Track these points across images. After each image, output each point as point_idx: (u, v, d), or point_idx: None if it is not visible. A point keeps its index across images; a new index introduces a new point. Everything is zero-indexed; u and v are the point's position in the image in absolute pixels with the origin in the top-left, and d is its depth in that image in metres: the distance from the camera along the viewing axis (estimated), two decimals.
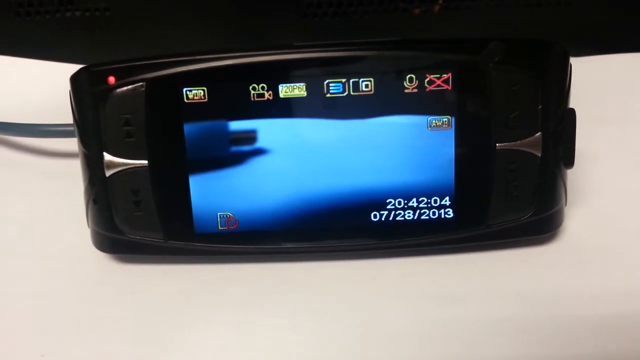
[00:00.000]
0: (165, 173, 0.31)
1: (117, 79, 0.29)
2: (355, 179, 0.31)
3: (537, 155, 0.30)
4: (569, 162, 0.31)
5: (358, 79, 0.30)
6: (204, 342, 0.29)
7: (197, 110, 0.30)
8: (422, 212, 0.31)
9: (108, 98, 0.30)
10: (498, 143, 0.30)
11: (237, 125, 0.30)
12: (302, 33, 0.45)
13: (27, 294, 0.32)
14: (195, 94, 0.30)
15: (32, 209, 0.36)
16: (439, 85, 0.30)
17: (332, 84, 0.30)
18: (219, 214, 0.31)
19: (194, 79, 0.29)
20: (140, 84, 0.29)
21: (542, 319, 0.29)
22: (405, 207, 0.31)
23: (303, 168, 0.31)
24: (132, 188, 0.31)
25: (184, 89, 0.30)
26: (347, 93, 0.30)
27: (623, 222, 0.34)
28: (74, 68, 0.30)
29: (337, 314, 0.30)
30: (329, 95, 0.30)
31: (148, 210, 0.31)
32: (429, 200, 0.31)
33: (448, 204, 0.31)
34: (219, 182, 0.31)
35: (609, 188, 0.35)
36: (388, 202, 0.31)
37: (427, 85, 0.30)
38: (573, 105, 0.31)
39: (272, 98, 0.30)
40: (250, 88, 0.30)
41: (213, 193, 0.31)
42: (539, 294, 0.30)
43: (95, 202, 0.31)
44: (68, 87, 0.30)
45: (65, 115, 0.31)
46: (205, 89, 0.30)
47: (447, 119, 0.30)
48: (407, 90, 0.30)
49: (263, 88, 0.30)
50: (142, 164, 0.30)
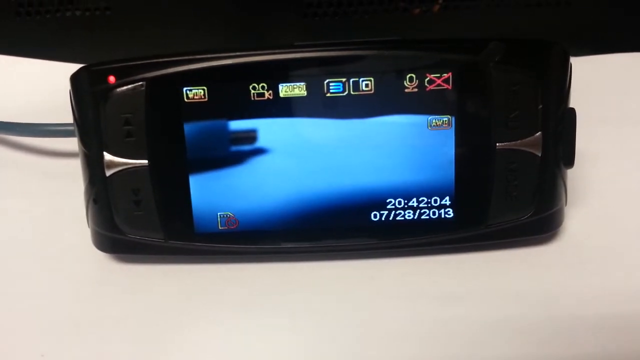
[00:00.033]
0: (166, 173, 0.31)
1: (117, 79, 0.29)
2: (356, 179, 0.31)
3: (537, 155, 0.30)
4: (569, 162, 0.31)
5: (358, 79, 0.30)
6: (204, 342, 0.29)
7: (197, 110, 0.30)
8: (422, 212, 0.31)
9: (108, 97, 0.30)
10: (498, 143, 0.30)
11: (237, 125, 0.30)
12: (302, 33, 0.45)
13: (27, 294, 0.32)
14: (196, 94, 0.30)
15: (32, 209, 0.36)
16: (439, 85, 0.30)
17: (332, 84, 0.30)
18: (219, 214, 0.31)
19: (194, 79, 0.29)
20: (141, 84, 0.29)
21: (542, 319, 0.29)
22: (406, 207, 0.31)
23: (303, 168, 0.31)
24: (132, 188, 0.31)
25: (184, 89, 0.30)
26: (347, 92, 0.30)
27: (623, 222, 0.34)
28: (74, 68, 0.30)
29: (337, 314, 0.30)
30: (329, 95, 0.30)
31: (148, 210, 0.31)
32: (429, 200, 0.31)
33: (448, 204, 0.31)
34: (219, 181, 0.31)
35: (609, 188, 0.35)
36: (388, 201, 0.31)
37: (427, 85, 0.30)
38: (573, 105, 0.31)
39: (272, 97, 0.30)
40: (251, 87, 0.30)
41: (213, 193, 0.31)
42: (539, 294, 0.30)
43: (96, 201, 0.31)
44: (68, 86, 0.30)
45: (65, 115, 0.31)
46: (206, 89, 0.30)
47: (447, 119, 0.30)
48: (407, 90, 0.30)
49: (263, 87, 0.30)
50: (142, 164, 0.30)
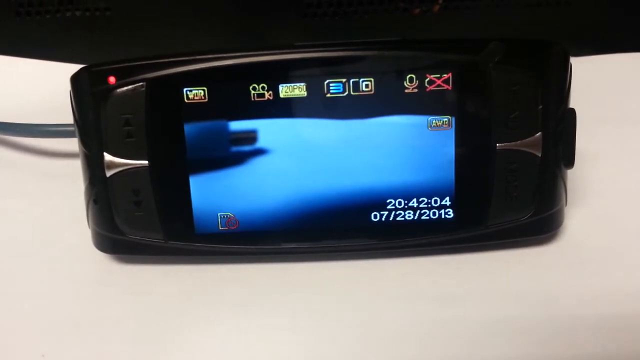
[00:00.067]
0: (166, 173, 0.31)
1: (117, 79, 0.29)
2: (356, 179, 0.31)
3: (537, 155, 0.30)
4: (569, 162, 0.31)
5: (358, 79, 0.30)
6: (204, 342, 0.29)
7: (197, 110, 0.30)
8: (422, 212, 0.31)
9: (108, 98, 0.30)
10: (498, 143, 0.30)
11: (237, 125, 0.30)
12: (302, 33, 0.45)
13: (27, 294, 0.32)
14: (196, 94, 0.30)
15: (32, 209, 0.36)
16: (439, 85, 0.30)
17: (332, 84, 0.30)
18: (220, 214, 0.31)
19: (194, 79, 0.29)
20: (141, 84, 0.29)
21: (542, 319, 0.29)
22: (406, 207, 0.31)
23: (303, 168, 0.31)
24: (132, 188, 0.31)
25: (184, 89, 0.30)
26: (347, 93, 0.30)
27: (623, 222, 0.34)
28: (74, 68, 0.30)
29: (337, 314, 0.30)
30: (329, 95, 0.30)
31: (148, 211, 0.31)
32: (429, 201, 0.31)
33: (448, 204, 0.31)
34: (220, 182, 0.31)
35: (609, 188, 0.35)
36: (388, 202, 0.31)
37: (427, 85, 0.30)
38: (573, 105, 0.31)
39: (272, 98, 0.30)
40: (251, 88, 0.30)
41: (213, 193, 0.31)
42: (539, 294, 0.30)
43: (96, 202, 0.31)
44: (68, 87, 0.30)
45: (66, 115, 0.31)
46: (206, 89, 0.30)
47: (447, 119, 0.30)
48: (407, 90, 0.30)
49: (263, 88, 0.30)
50: (142, 164, 0.30)
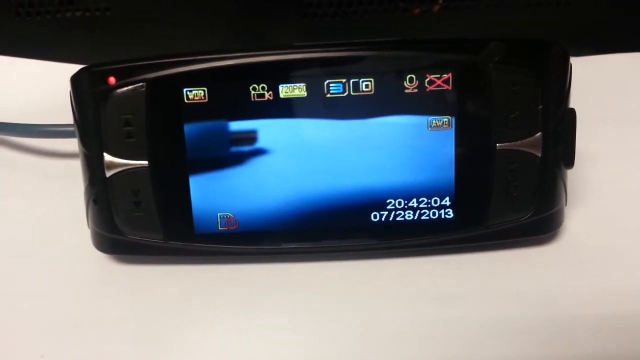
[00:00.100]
0: (166, 173, 0.31)
1: (117, 79, 0.29)
2: (356, 179, 0.31)
3: (537, 156, 0.30)
4: (569, 162, 0.31)
5: (358, 79, 0.30)
6: (204, 342, 0.29)
7: (197, 111, 0.30)
8: (422, 212, 0.31)
9: (108, 98, 0.30)
10: (498, 143, 0.30)
11: (237, 126, 0.30)
12: (302, 33, 0.45)
13: (27, 294, 0.31)
14: (196, 94, 0.30)
15: (32, 209, 0.36)
16: (439, 86, 0.30)
17: (332, 84, 0.30)
18: (219, 215, 0.31)
19: (195, 79, 0.29)
20: (141, 84, 0.29)
21: (542, 319, 0.29)
22: (405, 207, 0.31)
23: (303, 168, 0.31)
24: (132, 188, 0.31)
25: (185, 89, 0.30)
26: (347, 93, 0.30)
27: (623, 222, 0.34)
28: (74, 68, 0.30)
29: (337, 315, 0.30)
30: (329, 96, 0.30)
31: (148, 211, 0.31)
32: (429, 201, 0.31)
33: (448, 204, 0.31)
34: (219, 182, 0.31)
35: (609, 188, 0.35)
36: (388, 202, 0.31)
37: (427, 85, 0.30)
38: (573, 105, 0.31)
39: (272, 98, 0.30)
40: (251, 88, 0.30)
41: (213, 193, 0.31)
42: (539, 294, 0.30)
43: (96, 202, 0.31)
44: (68, 87, 0.30)
45: (66, 116, 0.31)
46: (206, 89, 0.30)
47: (447, 119, 0.30)
48: (407, 91, 0.30)
49: (263, 88, 0.30)
50: (142, 165, 0.30)
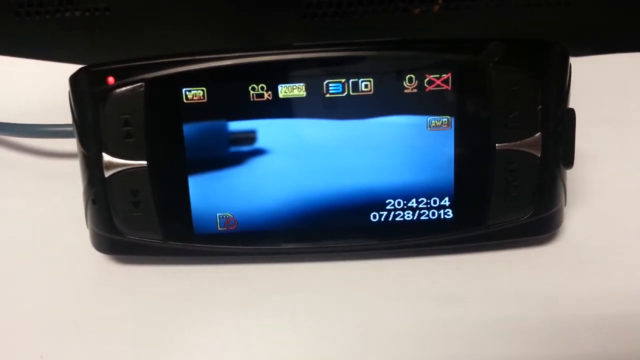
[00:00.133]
0: (165, 173, 0.31)
1: (116, 79, 0.29)
2: (355, 180, 0.31)
3: (536, 156, 0.30)
4: (569, 162, 0.31)
5: (357, 79, 0.30)
6: (204, 342, 0.29)
7: (196, 111, 0.30)
8: (421, 212, 0.31)
9: (107, 98, 0.30)
10: (498, 143, 0.30)
11: (236, 126, 0.30)
12: (302, 33, 0.45)
13: (26, 295, 0.31)
14: (195, 94, 0.30)
15: (31, 210, 0.36)
16: (439, 86, 0.30)
17: (331, 84, 0.30)
18: (219, 215, 0.31)
19: (194, 79, 0.29)
20: (140, 84, 0.29)
21: (542, 319, 0.29)
22: (405, 207, 0.31)
23: (302, 168, 0.31)
24: (131, 189, 0.31)
25: (183, 89, 0.29)
26: (346, 93, 0.30)
27: (623, 222, 0.34)
28: (74, 68, 0.30)
29: (337, 315, 0.30)
30: (329, 96, 0.30)
31: (147, 211, 0.31)
32: (429, 201, 0.31)
33: (447, 205, 0.31)
34: (219, 182, 0.31)
35: (609, 188, 0.35)
36: (387, 202, 0.31)
37: (426, 86, 0.30)
38: (573, 105, 0.31)
39: (271, 98, 0.30)
40: (250, 88, 0.30)
41: (212, 193, 0.31)
42: (539, 294, 0.30)
43: (95, 202, 0.31)
44: (67, 87, 0.30)
45: (65, 116, 0.31)
46: (205, 89, 0.30)
47: (446, 119, 0.30)
48: (406, 91, 0.30)
49: (262, 88, 0.30)
50: (141, 165, 0.30)
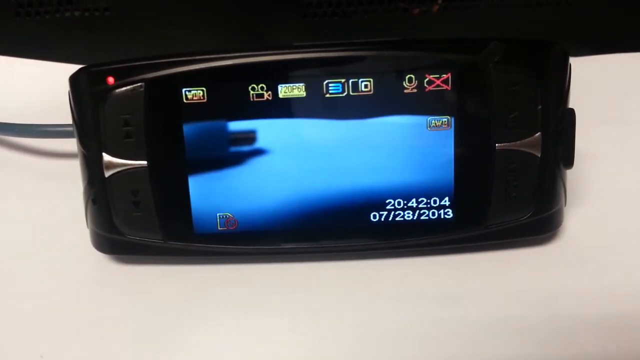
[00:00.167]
0: (165, 173, 0.31)
1: (116, 79, 0.29)
2: (355, 179, 0.31)
3: (536, 156, 0.30)
4: (569, 162, 0.31)
5: (357, 79, 0.30)
6: (204, 342, 0.29)
7: (196, 111, 0.30)
8: (421, 212, 0.31)
9: (107, 98, 0.30)
10: (497, 143, 0.30)
11: (236, 126, 0.30)
12: (302, 33, 0.45)
13: (26, 295, 0.32)
14: (195, 94, 0.30)
15: (32, 209, 0.36)
16: (439, 86, 0.30)
17: (331, 84, 0.30)
18: (219, 215, 0.31)
19: (193, 79, 0.29)
20: (140, 84, 0.29)
21: (541, 319, 0.29)
22: (405, 207, 0.31)
23: (302, 168, 0.31)
24: (131, 188, 0.31)
25: (183, 89, 0.29)
26: (346, 93, 0.30)
27: (622, 222, 0.34)
28: (74, 68, 0.30)
29: (337, 315, 0.30)
30: (328, 96, 0.30)
31: (147, 211, 0.31)
32: (429, 201, 0.31)
33: (447, 205, 0.31)
34: (219, 182, 0.31)
35: (609, 188, 0.35)
36: (387, 202, 0.31)
37: (426, 86, 0.30)
38: (573, 105, 0.31)
39: (271, 98, 0.30)
40: (250, 88, 0.30)
41: (212, 193, 0.31)
42: (539, 294, 0.30)
43: (95, 202, 0.31)
44: (67, 87, 0.30)
45: (65, 116, 0.31)
46: (205, 89, 0.30)
47: (446, 119, 0.30)
48: (406, 91, 0.30)
49: (262, 88, 0.30)
50: (141, 165, 0.30)
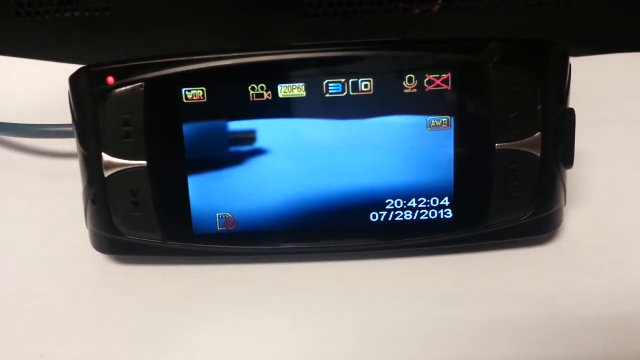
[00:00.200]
0: (164, 173, 0.31)
1: (115, 79, 0.29)
2: (355, 179, 0.31)
3: (536, 155, 0.30)
4: (568, 162, 0.31)
5: (357, 79, 0.30)
6: (204, 342, 0.29)
7: (196, 111, 0.30)
8: (421, 212, 0.31)
9: (107, 98, 0.30)
10: (497, 143, 0.30)
11: (236, 126, 0.30)
12: (302, 33, 0.45)
13: (26, 295, 0.32)
14: (194, 94, 0.30)
15: (32, 209, 0.36)
16: (438, 85, 0.30)
17: (331, 84, 0.30)
18: (218, 215, 0.31)
19: (193, 79, 0.29)
20: (139, 84, 0.29)
21: (541, 319, 0.29)
22: (405, 207, 0.31)
23: (302, 168, 0.31)
24: (130, 188, 0.30)
25: (183, 89, 0.29)
26: (346, 93, 0.30)
27: (622, 221, 0.34)
28: (74, 68, 0.30)
29: (336, 315, 0.30)
30: (328, 95, 0.30)
31: (147, 211, 0.31)
32: (428, 201, 0.31)
33: (447, 204, 0.31)
34: (218, 182, 0.31)
35: (608, 188, 0.35)
36: (387, 202, 0.31)
37: (426, 85, 0.30)
38: (573, 105, 0.31)
39: (271, 98, 0.30)
40: (249, 88, 0.30)
41: (212, 193, 0.31)
42: (539, 294, 0.30)
43: (94, 202, 0.31)
44: (67, 87, 0.30)
45: (65, 116, 0.31)
46: (204, 89, 0.30)
47: (446, 119, 0.30)
48: (406, 90, 0.30)
49: (262, 88, 0.30)
50: (140, 165, 0.30)
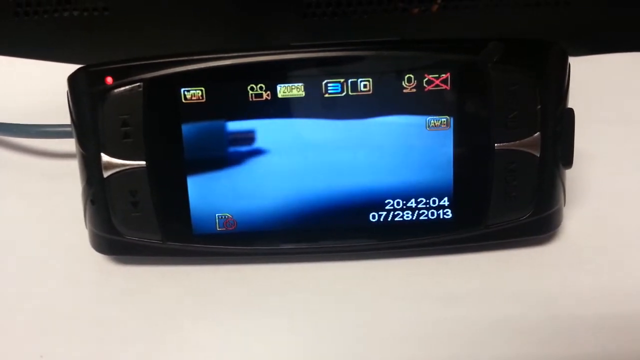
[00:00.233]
0: (163, 174, 0.30)
1: (114, 79, 0.29)
2: (354, 180, 0.31)
3: (536, 156, 0.30)
4: (568, 162, 0.31)
5: (356, 79, 0.29)
6: (203, 342, 0.29)
7: (195, 111, 0.30)
8: (420, 212, 0.31)
9: (106, 98, 0.30)
10: (497, 143, 0.30)
11: (235, 126, 0.30)
12: (301, 33, 0.45)
13: (25, 295, 0.31)
14: (193, 94, 0.30)
15: (31, 209, 0.36)
16: (438, 85, 0.30)
17: (330, 84, 0.30)
18: (217, 215, 0.31)
19: (192, 79, 0.29)
20: (138, 84, 0.29)
21: (541, 319, 0.29)
22: (404, 207, 0.31)
23: (301, 168, 0.30)
24: (129, 189, 0.30)
25: (182, 89, 0.29)
26: (345, 93, 0.30)
27: (622, 222, 0.34)
28: (73, 68, 0.30)
29: (336, 315, 0.30)
30: (327, 96, 0.30)
31: (146, 211, 0.31)
32: (428, 201, 0.31)
33: (447, 205, 0.31)
34: (217, 182, 0.31)
35: (608, 188, 0.35)
36: (387, 202, 0.31)
37: (425, 85, 0.30)
38: (572, 105, 0.31)
39: (270, 98, 0.30)
40: (249, 88, 0.30)
41: (211, 194, 0.31)
42: (539, 294, 0.30)
43: (93, 203, 0.31)
44: (66, 87, 0.30)
45: (65, 116, 0.31)
46: (203, 89, 0.29)
47: (445, 119, 0.30)
48: (405, 90, 0.30)
49: (261, 88, 0.30)
50: (139, 165, 0.30)
